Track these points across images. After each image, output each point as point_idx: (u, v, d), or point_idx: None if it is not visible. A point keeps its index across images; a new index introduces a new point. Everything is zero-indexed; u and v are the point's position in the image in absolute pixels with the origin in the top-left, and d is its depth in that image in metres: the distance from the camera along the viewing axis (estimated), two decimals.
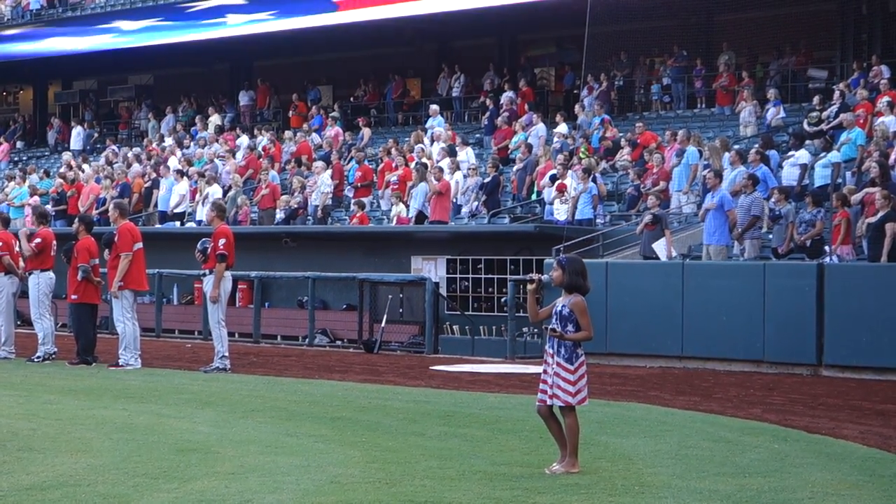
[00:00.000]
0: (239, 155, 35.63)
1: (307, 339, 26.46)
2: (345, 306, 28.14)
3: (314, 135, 36.33)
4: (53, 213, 34.22)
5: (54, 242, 21.34)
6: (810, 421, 13.81)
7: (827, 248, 21.05)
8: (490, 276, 25.81)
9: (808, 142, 26.04)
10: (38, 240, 20.99)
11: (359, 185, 31.56)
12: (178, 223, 32.98)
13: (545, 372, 10.20)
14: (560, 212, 26.38)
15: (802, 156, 24.87)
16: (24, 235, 21.55)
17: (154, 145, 39.56)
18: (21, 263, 21.53)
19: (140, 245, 19.90)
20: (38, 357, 20.87)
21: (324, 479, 9.79)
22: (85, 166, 37.92)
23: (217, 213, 20.20)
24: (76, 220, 21.93)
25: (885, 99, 25.61)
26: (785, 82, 32.44)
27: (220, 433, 12.36)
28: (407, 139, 33.54)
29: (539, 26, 38.08)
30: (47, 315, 21.15)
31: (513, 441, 11.99)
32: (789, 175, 24.71)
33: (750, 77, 31.98)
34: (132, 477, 9.77)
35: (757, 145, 25.50)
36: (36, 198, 35.58)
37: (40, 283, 21.00)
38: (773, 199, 22.32)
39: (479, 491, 9.29)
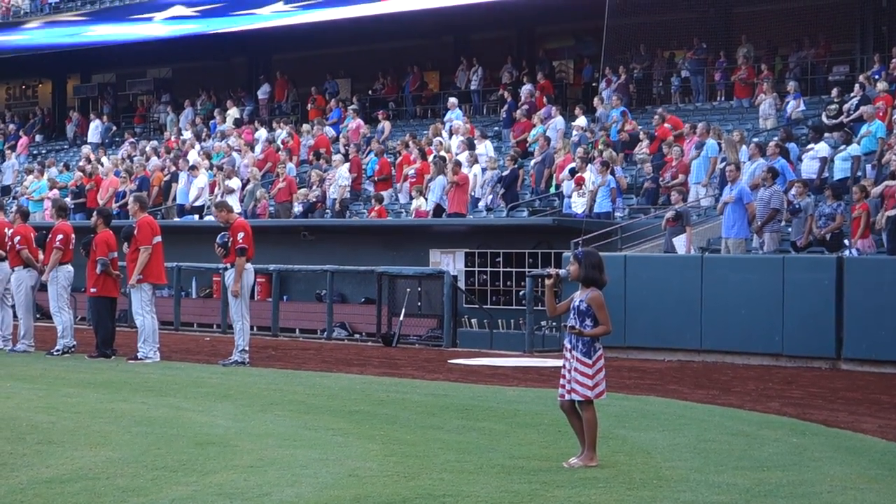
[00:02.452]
0: (257, 148, 35.69)
1: (325, 333, 26.48)
2: (363, 299, 28.17)
3: (328, 128, 36.37)
4: (73, 207, 34.33)
5: (73, 236, 21.37)
6: (829, 415, 13.78)
7: (847, 241, 20.99)
8: (508, 269, 25.85)
9: (827, 135, 25.96)
10: (60, 235, 20.99)
11: (377, 178, 31.59)
12: (196, 216, 33.05)
13: (564, 367, 10.20)
14: (578, 205, 26.35)
15: (822, 149, 24.80)
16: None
17: (173, 139, 39.64)
18: (40, 257, 21.60)
19: (159, 238, 19.91)
20: (58, 350, 20.91)
21: (342, 472, 9.80)
22: (104, 159, 38.03)
23: (225, 210, 20.11)
24: (94, 213, 21.96)
25: None
26: (805, 75, 32.35)
27: (239, 426, 12.38)
28: (425, 132, 33.55)
29: (557, 19, 38.06)
30: (66, 308, 21.18)
31: (531, 435, 11.98)
32: (809, 168, 24.65)
33: (769, 69, 31.90)
34: (151, 470, 9.80)
35: (777, 138, 25.45)
36: (55, 191, 35.68)
37: (59, 276, 21.03)
38: (792, 192, 22.27)
39: (497, 484, 9.29)
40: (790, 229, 22.48)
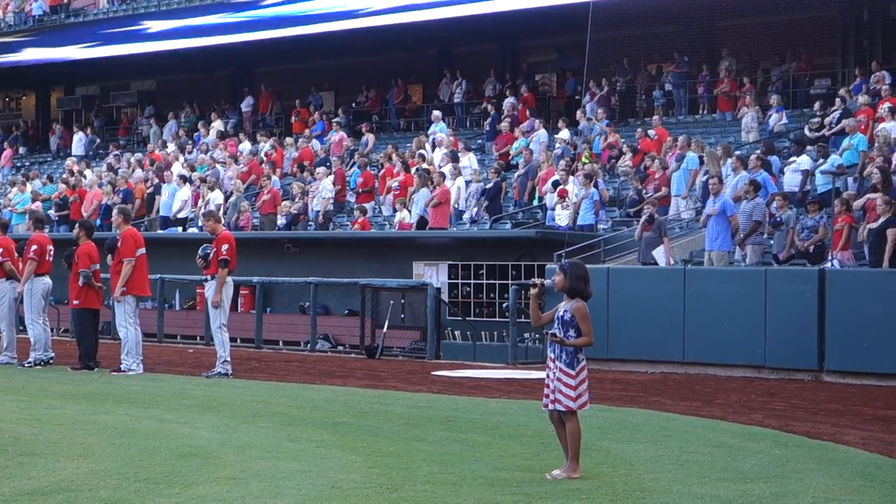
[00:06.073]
0: (241, 161, 35.66)
1: (309, 345, 26.46)
2: (346, 311, 28.15)
3: (314, 141, 36.38)
4: (56, 219, 34.28)
5: (50, 247, 21.26)
6: (811, 426, 13.81)
7: (831, 253, 21.05)
8: (491, 281, 25.84)
9: (808, 148, 26.06)
10: (34, 246, 20.90)
11: (360, 190, 31.60)
12: (180, 229, 33.01)
13: (548, 377, 10.22)
14: (562, 217, 26.38)
15: (804, 162, 24.89)
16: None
17: (157, 151, 39.58)
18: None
19: (143, 251, 19.89)
20: (30, 362, 20.82)
21: (325, 484, 9.80)
22: (87, 172, 37.96)
23: (213, 220, 20.13)
24: (76, 225, 21.90)
25: (887, 105, 25.60)
26: (786, 88, 32.47)
27: (222, 438, 12.37)
28: (409, 145, 33.58)
29: (540, 33, 38.14)
30: (40, 320, 21.06)
31: (514, 446, 11.99)
32: (791, 181, 24.73)
33: (751, 83, 32.00)
34: (133, 482, 9.78)
35: (759, 151, 25.53)
36: (38, 203, 35.60)
37: (34, 287, 20.93)
38: (774, 205, 22.34)
39: (480, 496, 9.29)
40: (772, 242, 22.53)
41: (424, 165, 30.18)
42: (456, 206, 28.83)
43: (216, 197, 32.02)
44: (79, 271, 20.20)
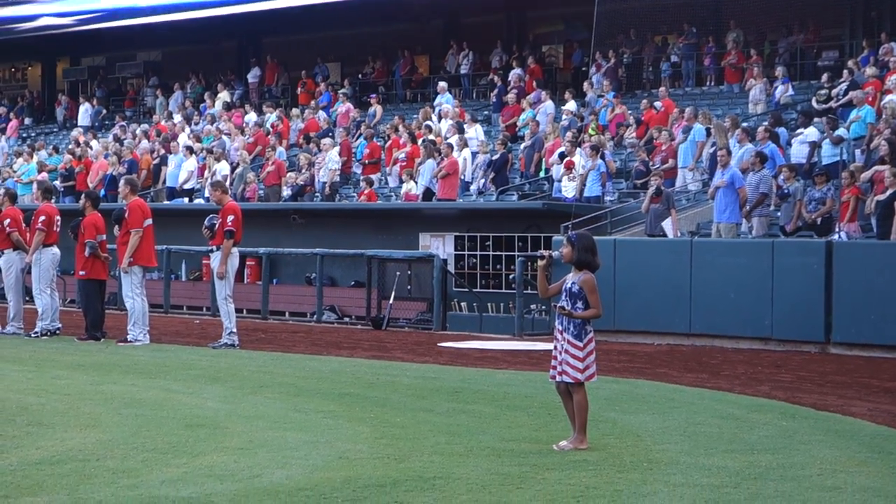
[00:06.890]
0: (247, 132, 35.63)
1: (315, 316, 26.49)
2: (353, 283, 28.16)
3: (321, 112, 36.32)
4: (62, 190, 34.25)
5: (58, 218, 21.27)
6: (818, 398, 13.81)
7: (838, 225, 21.03)
8: (498, 252, 25.83)
9: (816, 119, 25.98)
10: (42, 217, 20.90)
11: (366, 161, 31.56)
12: (186, 199, 33.00)
13: (555, 348, 10.21)
14: (568, 189, 26.34)
15: (811, 133, 24.83)
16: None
17: (163, 122, 39.56)
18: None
19: (150, 221, 19.90)
20: (36, 332, 20.85)
21: (332, 454, 9.81)
22: (93, 143, 37.95)
23: (220, 190, 20.13)
24: (82, 196, 21.91)
25: (894, 77, 25.50)
26: (794, 60, 32.35)
27: (229, 409, 12.38)
28: (415, 116, 33.51)
29: (547, 3, 38.00)
30: (48, 290, 21.08)
31: (521, 417, 12.00)
32: (798, 153, 24.68)
33: (758, 55, 31.88)
34: (141, 452, 9.80)
35: (766, 123, 25.47)
36: (44, 174, 35.60)
37: (42, 258, 20.94)
38: (781, 177, 22.30)
39: (487, 467, 9.30)
40: (779, 214, 22.50)
41: (431, 137, 30.13)
42: (462, 177, 28.78)
43: (223, 168, 32.01)
44: (85, 242, 20.21)
